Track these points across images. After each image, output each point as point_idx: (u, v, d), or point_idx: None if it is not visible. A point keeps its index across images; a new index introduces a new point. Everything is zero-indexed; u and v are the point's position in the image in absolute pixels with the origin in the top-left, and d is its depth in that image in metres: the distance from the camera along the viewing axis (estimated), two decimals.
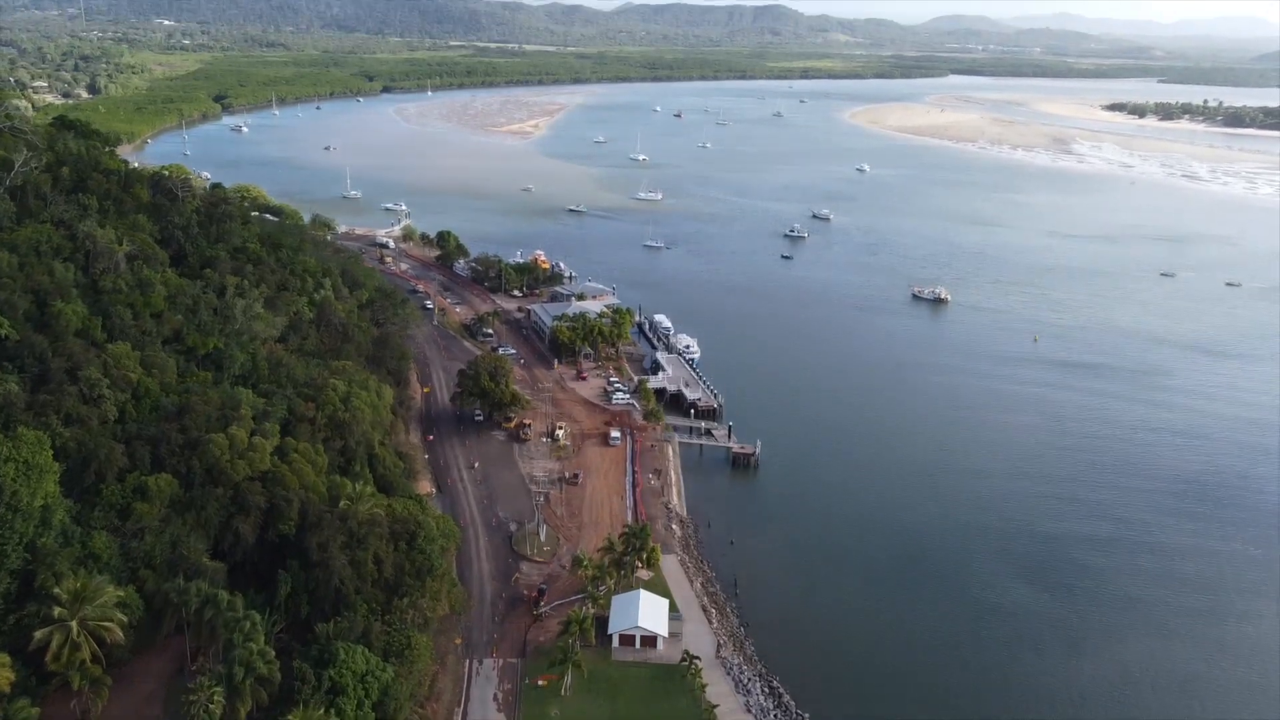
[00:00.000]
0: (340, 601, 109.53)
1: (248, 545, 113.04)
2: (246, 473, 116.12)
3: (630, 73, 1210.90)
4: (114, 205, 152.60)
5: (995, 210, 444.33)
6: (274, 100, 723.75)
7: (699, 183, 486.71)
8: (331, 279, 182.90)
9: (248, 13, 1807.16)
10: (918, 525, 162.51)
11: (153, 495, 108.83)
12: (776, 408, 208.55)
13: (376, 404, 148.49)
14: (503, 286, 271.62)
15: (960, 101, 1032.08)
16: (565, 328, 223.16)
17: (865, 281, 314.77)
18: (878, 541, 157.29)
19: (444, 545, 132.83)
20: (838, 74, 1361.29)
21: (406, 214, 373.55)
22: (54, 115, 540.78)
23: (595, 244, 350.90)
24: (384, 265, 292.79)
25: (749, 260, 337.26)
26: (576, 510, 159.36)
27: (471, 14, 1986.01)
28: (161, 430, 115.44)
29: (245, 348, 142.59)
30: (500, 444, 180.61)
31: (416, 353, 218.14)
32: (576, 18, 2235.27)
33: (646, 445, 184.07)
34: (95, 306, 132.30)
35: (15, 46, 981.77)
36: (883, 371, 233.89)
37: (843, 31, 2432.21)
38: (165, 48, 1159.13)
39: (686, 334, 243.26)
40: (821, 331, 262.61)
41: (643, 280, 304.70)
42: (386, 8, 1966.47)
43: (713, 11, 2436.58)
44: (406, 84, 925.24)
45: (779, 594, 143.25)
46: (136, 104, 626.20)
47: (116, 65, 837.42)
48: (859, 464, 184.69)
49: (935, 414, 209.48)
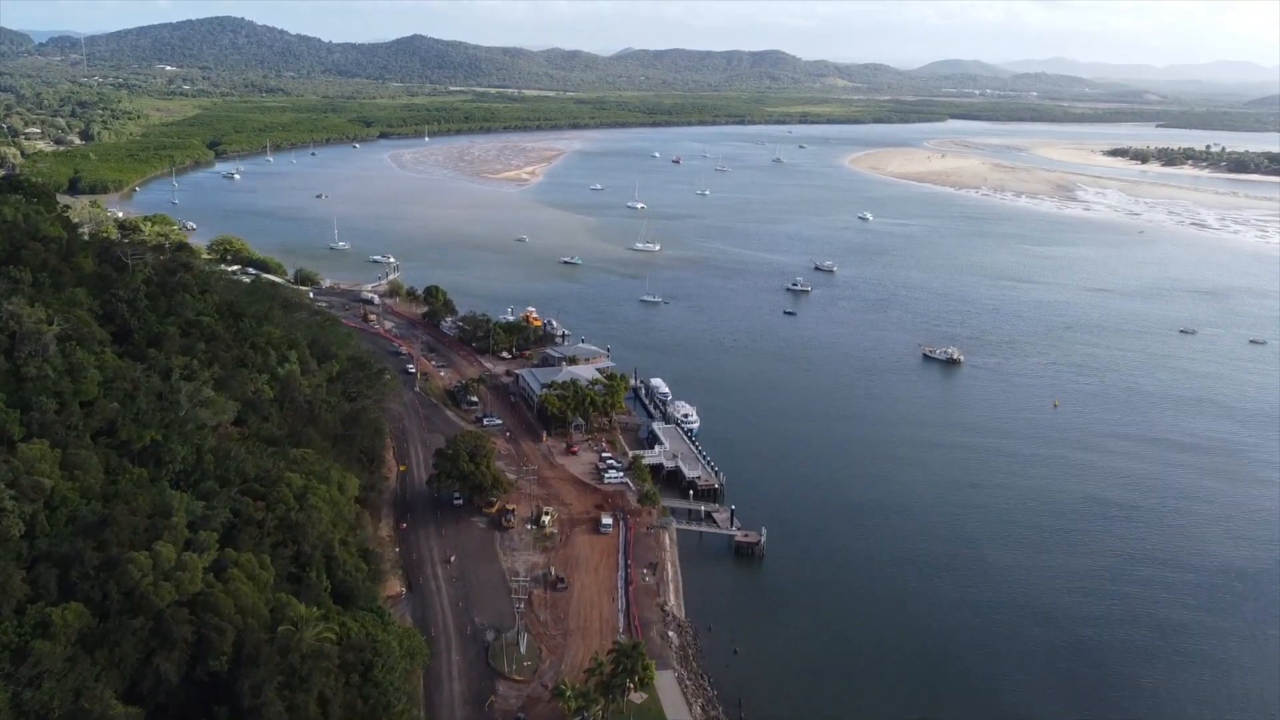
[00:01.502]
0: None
1: (171, 686, 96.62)
2: (173, 597, 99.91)
3: (629, 118, 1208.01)
4: (51, 278, 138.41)
5: (1006, 262, 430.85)
6: (269, 147, 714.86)
7: (698, 232, 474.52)
8: (298, 351, 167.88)
9: (250, 59, 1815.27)
10: (940, 622, 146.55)
11: (57, 631, 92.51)
12: (781, 486, 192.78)
13: (338, 499, 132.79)
14: (490, 347, 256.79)
15: (960, 146, 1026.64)
16: (555, 397, 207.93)
17: (873, 340, 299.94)
18: (896, 644, 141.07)
19: (408, 668, 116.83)
20: (836, 118, 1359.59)
21: (395, 266, 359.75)
22: (51, 163, 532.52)
23: (590, 299, 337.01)
24: (367, 324, 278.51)
25: (750, 316, 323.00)
26: (563, 614, 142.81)
27: (472, 60, 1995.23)
28: (75, 548, 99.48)
29: (189, 439, 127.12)
30: (480, 532, 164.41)
31: (394, 425, 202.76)
32: (576, 63, 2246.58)
33: (641, 533, 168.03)
34: (16, 397, 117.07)
35: (14, 92, 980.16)
36: (894, 442, 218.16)
37: (840, 76, 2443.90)
38: (165, 93, 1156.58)
39: (685, 401, 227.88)
40: (827, 397, 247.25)
41: (639, 339, 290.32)
42: (388, 54, 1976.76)
43: (711, 57, 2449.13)
44: (404, 129, 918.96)
45: (789, 714, 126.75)
46: (128, 151, 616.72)
47: (113, 111, 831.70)
48: (871, 551, 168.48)
49: (952, 491, 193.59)
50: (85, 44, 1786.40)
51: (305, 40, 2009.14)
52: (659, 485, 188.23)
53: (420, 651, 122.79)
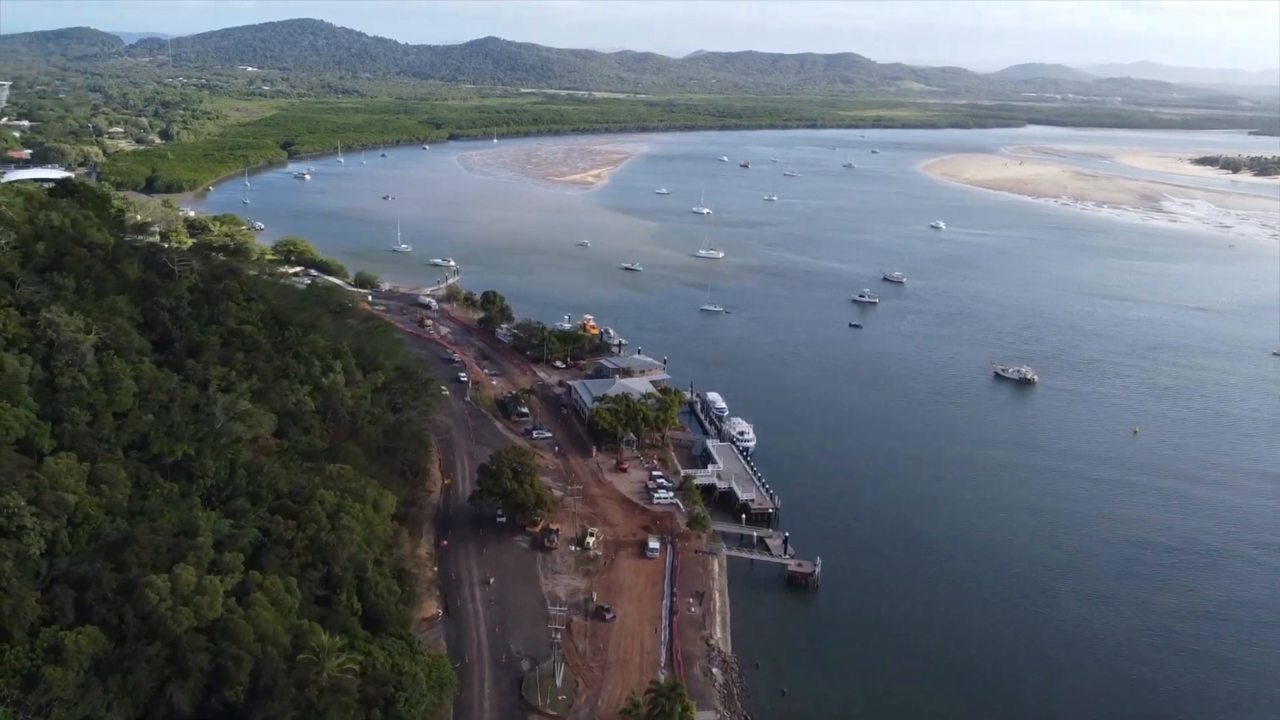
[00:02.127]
0: None
1: (184, 716, 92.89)
2: (190, 623, 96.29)
3: (698, 120, 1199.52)
4: (94, 285, 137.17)
5: (1086, 276, 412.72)
6: (340, 148, 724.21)
7: (763, 239, 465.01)
8: (344, 360, 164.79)
9: (328, 60, 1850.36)
10: (1006, 667, 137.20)
11: (69, 657, 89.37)
12: (838, 512, 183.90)
13: (371, 518, 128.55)
14: (544, 356, 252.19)
15: (1039, 153, 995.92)
16: (606, 411, 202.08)
17: (942, 357, 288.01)
18: (956, 690, 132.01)
19: (435, 701, 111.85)
20: (911, 123, 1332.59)
21: (455, 270, 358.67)
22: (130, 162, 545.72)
23: (649, 307, 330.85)
24: (422, 329, 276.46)
25: (814, 329, 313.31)
26: (602, 645, 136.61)
27: (543, 61, 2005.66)
28: (94, 569, 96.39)
29: (223, 453, 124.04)
30: (522, 552, 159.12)
31: (442, 436, 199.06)
32: (647, 65, 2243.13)
33: (689, 558, 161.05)
34: (50, 408, 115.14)
35: (103, 92, 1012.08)
36: (961, 467, 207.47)
37: (916, 80, 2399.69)
38: (245, 94, 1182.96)
39: (741, 418, 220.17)
40: (891, 416, 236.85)
41: (697, 350, 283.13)
42: (461, 56, 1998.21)
43: (784, 59, 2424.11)
44: (473, 131, 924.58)
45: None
46: (205, 150, 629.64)
47: (193, 111, 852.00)
48: (933, 586, 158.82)
49: (1022, 521, 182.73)
50: (171, 45, 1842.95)
51: (381, 42, 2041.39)
52: (710, 507, 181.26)
53: (450, 682, 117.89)
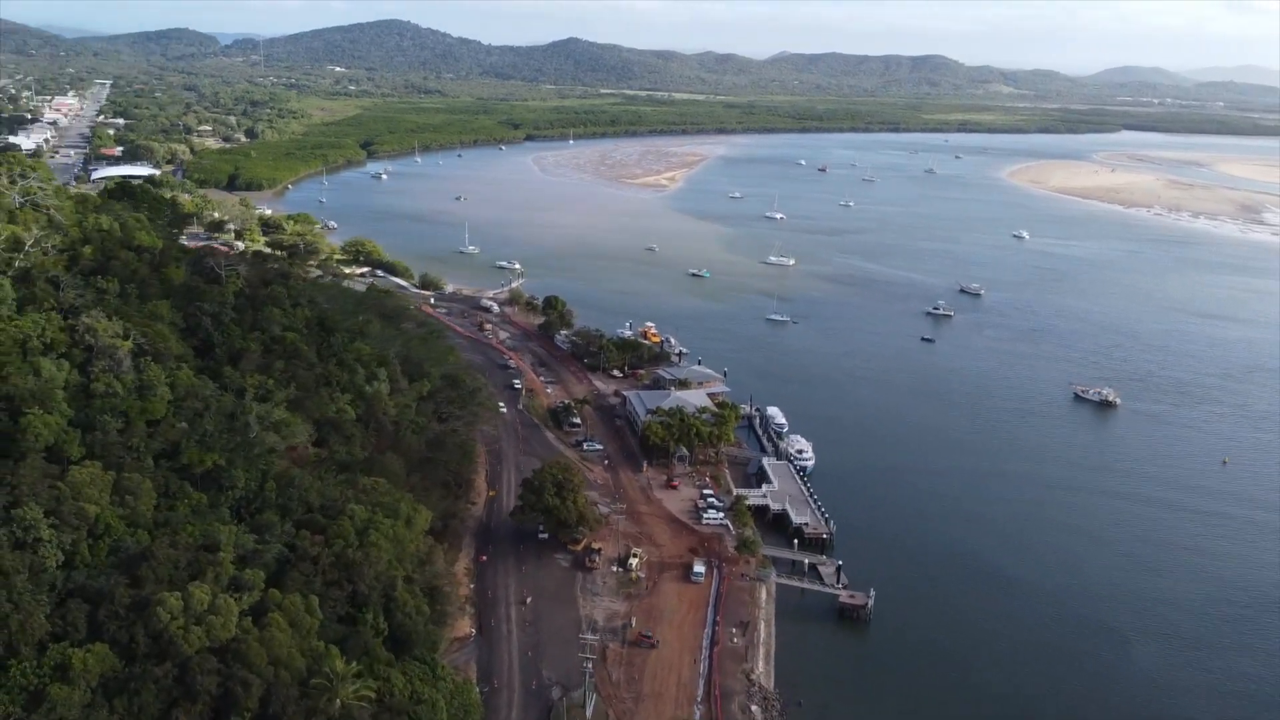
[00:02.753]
0: None
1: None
2: (202, 644, 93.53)
3: (777, 123, 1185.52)
4: (138, 289, 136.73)
5: (1179, 291, 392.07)
6: (417, 148, 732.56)
7: (836, 247, 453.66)
8: (389, 368, 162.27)
9: (413, 60, 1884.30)
10: (1068, 714, 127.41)
11: (76, 675, 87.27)
12: (898, 539, 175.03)
13: (403, 535, 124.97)
14: (601, 365, 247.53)
15: (1132, 160, 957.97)
16: (658, 425, 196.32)
17: (1019, 375, 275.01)
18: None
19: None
20: (998, 128, 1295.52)
21: (520, 273, 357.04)
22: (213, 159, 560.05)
23: (713, 315, 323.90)
24: (482, 333, 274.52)
25: (884, 341, 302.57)
26: (637, 674, 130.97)
27: (624, 63, 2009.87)
28: (108, 584, 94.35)
29: (255, 464, 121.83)
30: (562, 572, 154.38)
31: (491, 446, 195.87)
32: (728, 66, 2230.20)
33: (736, 584, 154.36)
34: (83, 414, 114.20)
35: (197, 91, 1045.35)
36: (1032, 495, 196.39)
37: (1005, 83, 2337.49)
38: (331, 93, 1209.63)
39: (801, 435, 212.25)
40: (960, 438, 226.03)
41: (760, 361, 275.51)
42: (543, 57, 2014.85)
43: (868, 61, 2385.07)
44: (550, 132, 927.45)
45: None
46: (286, 149, 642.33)
47: (279, 110, 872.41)
48: (995, 625, 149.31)
49: (1094, 556, 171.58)
50: (264, 46, 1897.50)
51: (465, 43, 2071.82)
52: (762, 530, 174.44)
53: (474, 709, 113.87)
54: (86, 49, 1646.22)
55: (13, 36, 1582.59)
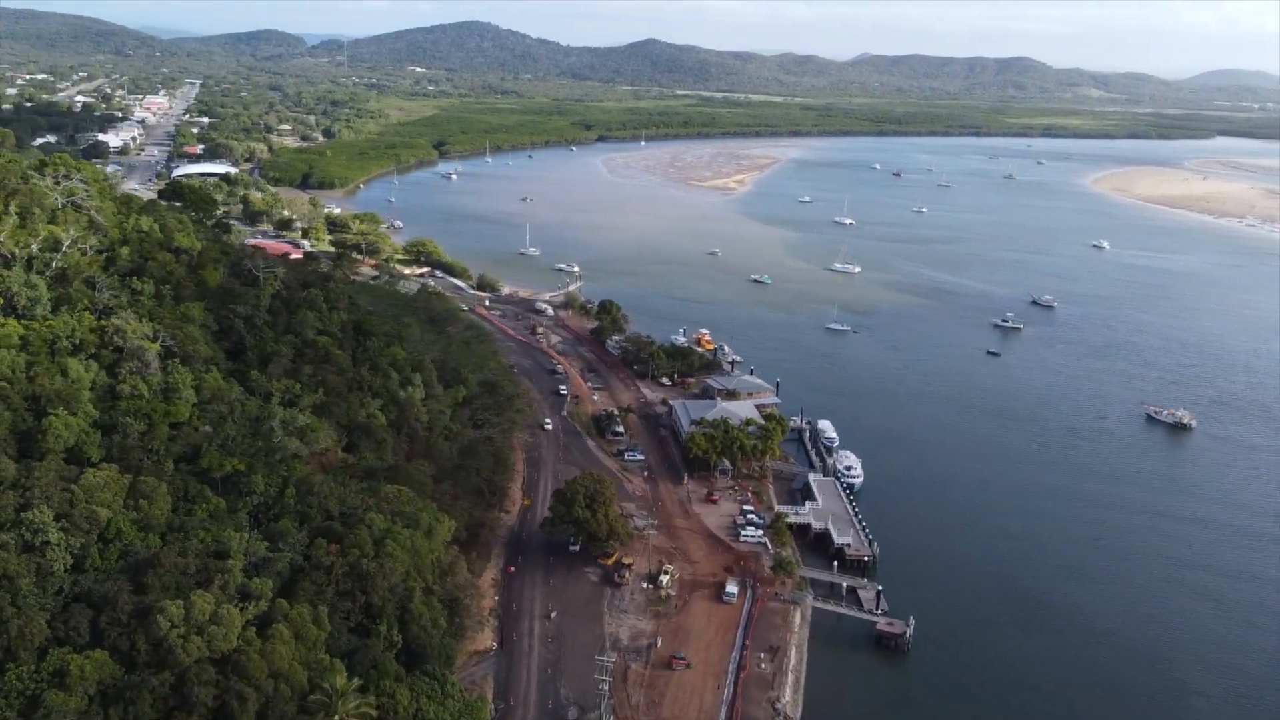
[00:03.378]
0: None
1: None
2: (201, 654, 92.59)
3: (854, 126, 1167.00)
4: (173, 291, 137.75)
5: (1269, 310, 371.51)
6: (488, 148, 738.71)
7: (905, 254, 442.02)
8: (424, 374, 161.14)
9: (492, 61, 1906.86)
10: None
11: (73, 682, 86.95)
12: (945, 564, 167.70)
13: (422, 545, 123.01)
14: (650, 372, 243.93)
15: (1226, 168, 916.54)
16: (701, 436, 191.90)
17: (1089, 393, 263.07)
18: None
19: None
20: (1084, 133, 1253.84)
21: (578, 276, 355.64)
22: (290, 158, 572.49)
23: (771, 323, 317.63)
24: (534, 337, 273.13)
25: (947, 354, 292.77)
26: (658, 697, 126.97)
27: (702, 64, 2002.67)
28: (112, 590, 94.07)
29: (275, 469, 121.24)
30: (590, 586, 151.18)
31: (530, 453, 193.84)
32: (808, 68, 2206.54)
33: (769, 606, 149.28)
34: (108, 415, 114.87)
35: (281, 90, 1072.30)
36: (1093, 519, 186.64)
37: (1096, 86, 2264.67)
38: (410, 94, 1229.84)
39: (852, 451, 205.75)
40: (1021, 457, 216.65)
41: (815, 372, 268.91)
42: (620, 58, 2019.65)
43: (952, 63, 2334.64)
44: (622, 133, 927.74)
45: None
46: (360, 149, 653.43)
47: (357, 110, 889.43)
48: (1042, 664, 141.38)
49: (1155, 591, 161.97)
50: (349, 46, 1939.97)
51: (545, 44, 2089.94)
52: (803, 549, 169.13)
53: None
54: (181, 49, 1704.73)
55: (113, 38, 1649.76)
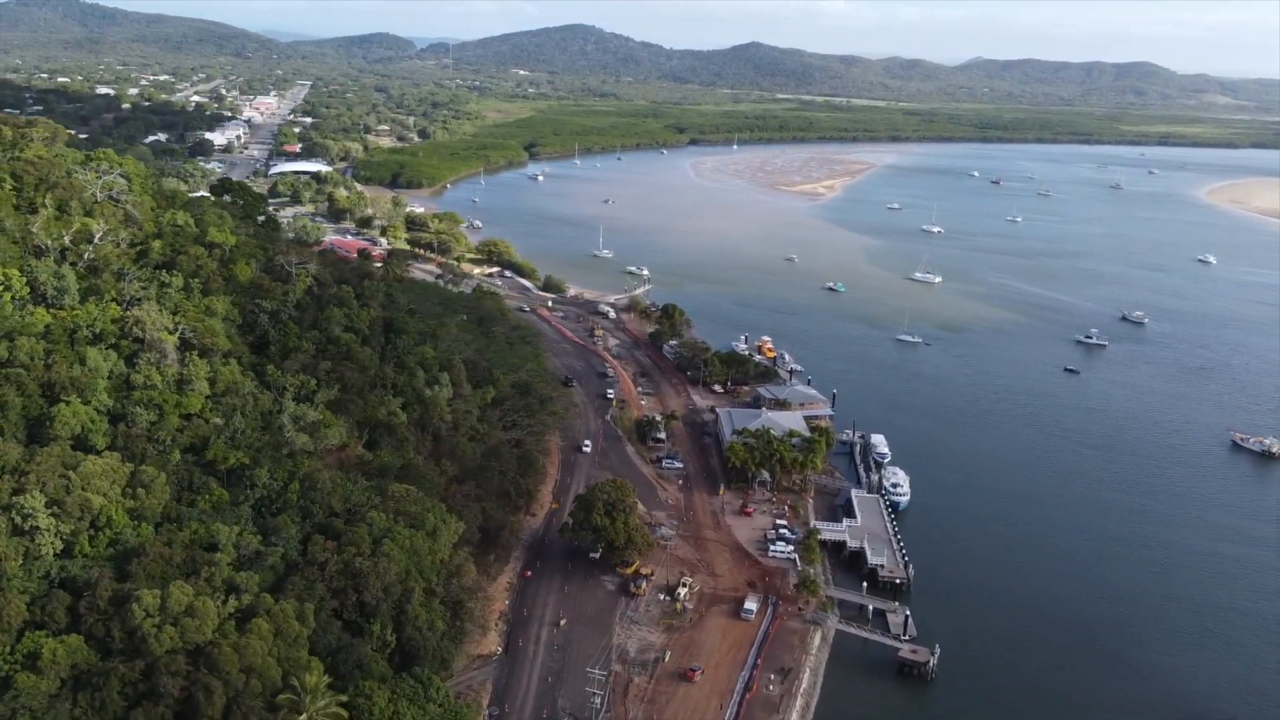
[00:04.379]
0: None
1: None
2: (174, 645, 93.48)
3: (958, 132, 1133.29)
4: (201, 284, 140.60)
5: None
6: (577, 150, 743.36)
7: (992, 265, 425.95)
8: (453, 373, 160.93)
9: (594, 64, 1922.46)
10: None
11: (45, 665, 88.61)
12: (985, 593, 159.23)
13: (422, 547, 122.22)
14: (702, 378, 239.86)
15: None
16: (740, 446, 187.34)
17: (1171, 417, 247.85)
18: None
19: None
20: (1205, 141, 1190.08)
21: (647, 279, 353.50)
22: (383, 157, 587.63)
23: (839, 332, 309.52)
24: (592, 339, 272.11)
25: (1021, 370, 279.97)
26: (657, 714, 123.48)
27: (805, 67, 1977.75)
28: (94, 577, 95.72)
29: (282, 463, 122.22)
30: (605, 595, 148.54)
31: (567, 457, 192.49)
32: (915, 73, 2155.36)
33: (789, 626, 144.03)
34: (122, 404, 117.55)
35: (386, 92, 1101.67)
36: (1158, 553, 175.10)
37: (1223, 92, 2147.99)
38: (510, 96, 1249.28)
39: (901, 469, 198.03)
40: (1085, 482, 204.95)
41: (878, 384, 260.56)
42: (723, 61, 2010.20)
43: (1067, 69, 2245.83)
44: (715, 136, 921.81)
45: None
46: (452, 150, 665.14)
47: (454, 112, 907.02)
48: (1089, 703, 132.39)
49: (1237, 635, 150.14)
50: (455, 49, 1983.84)
51: (648, 47, 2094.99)
52: (836, 568, 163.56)
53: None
54: (296, 52, 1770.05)
55: (234, 41, 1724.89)
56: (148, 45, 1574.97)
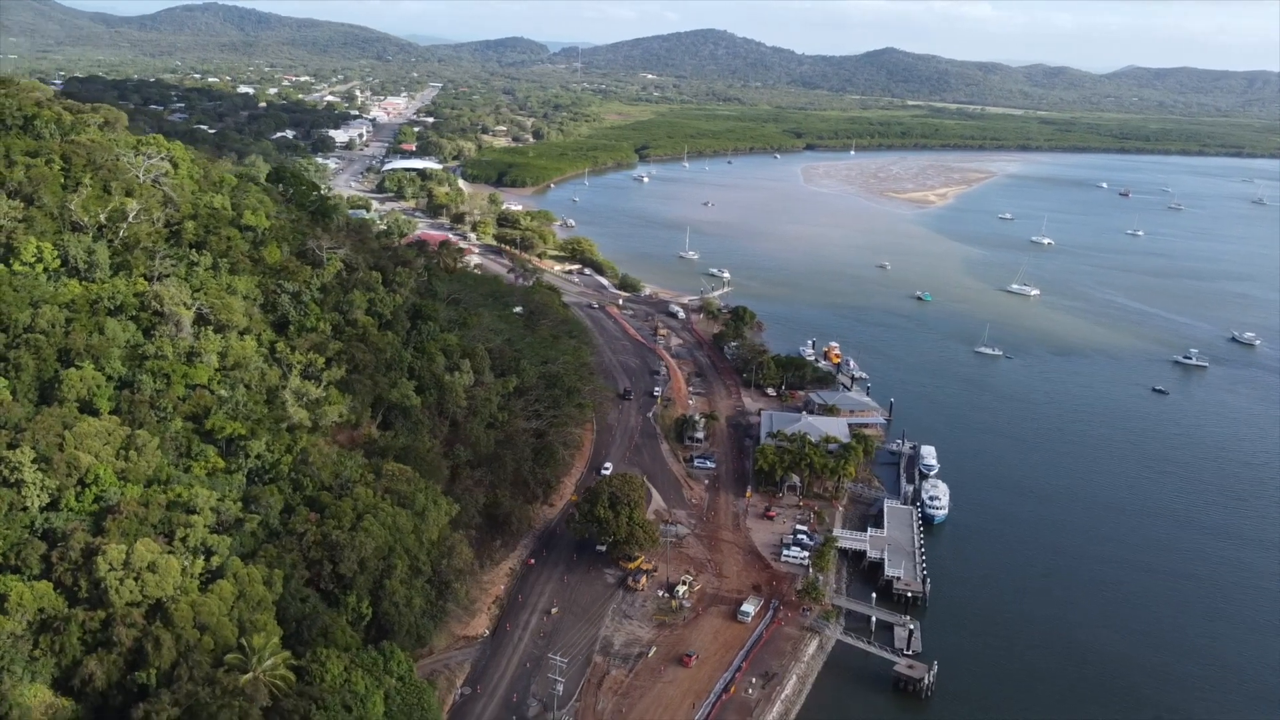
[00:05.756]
0: None
1: (99, 688, 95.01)
2: (133, 598, 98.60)
3: (1094, 142, 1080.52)
4: (230, 265, 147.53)
5: None
6: (685, 153, 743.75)
7: (1100, 279, 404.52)
8: (475, 360, 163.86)
9: (724, 69, 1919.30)
10: None
11: (12, 606, 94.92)
12: (1001, 613, 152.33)
13: (405, 524, 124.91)
14: (754, 381, 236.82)
15: None
16: (771, 450, 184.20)
17: (1266, 444, 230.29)
18: None
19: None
20: None
21: (727, 281, 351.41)
22: (493, 156, 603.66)
23: (915, 342, 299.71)
24: (654, 338, 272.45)
25: (1105, 389, 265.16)
26: (627, 708, 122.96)
27: (940, 74, 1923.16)
28: (68, 529, 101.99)
29: (280, 437, 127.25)
30: (603, 588, 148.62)
31: (599, 451, 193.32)
32: (1059, 81, 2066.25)
33: (783, 631, 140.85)
34: (132, 373, 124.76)
35: (512, 95, 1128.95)
36: (1214, 590, 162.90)
37: None
38: (632, 99, 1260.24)
39: (945, 482, 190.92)
40: (1147, 508, 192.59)
41: (945, 396, 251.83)
42: (855, 67, 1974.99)
43: (1228, 77, 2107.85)
44: (832, 143, 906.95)
45: None
46: (560, 151, 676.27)
47: (572, 114, 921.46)
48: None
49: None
50: (586, 54, 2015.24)
51: (779, 52, 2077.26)
52: (855, 577, 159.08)
53: (428, 710, 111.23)
54: (433, 56, 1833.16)
55: (376, 44, 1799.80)
56: (296, 48, 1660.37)
